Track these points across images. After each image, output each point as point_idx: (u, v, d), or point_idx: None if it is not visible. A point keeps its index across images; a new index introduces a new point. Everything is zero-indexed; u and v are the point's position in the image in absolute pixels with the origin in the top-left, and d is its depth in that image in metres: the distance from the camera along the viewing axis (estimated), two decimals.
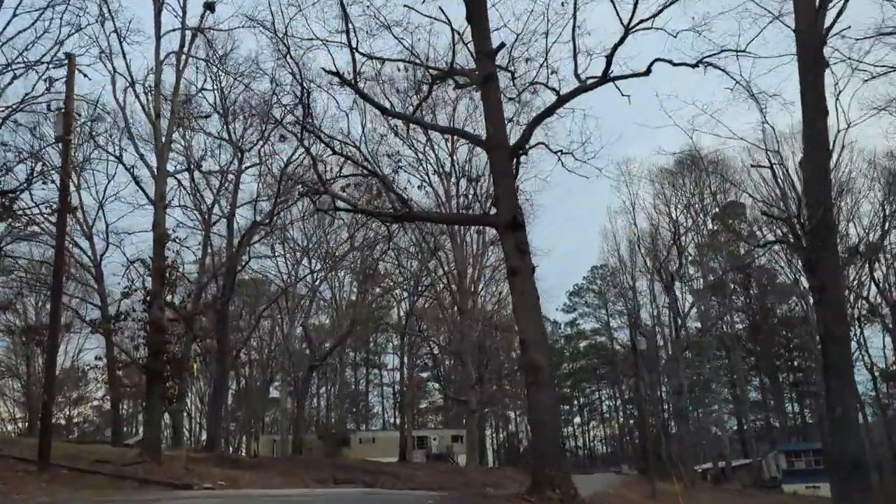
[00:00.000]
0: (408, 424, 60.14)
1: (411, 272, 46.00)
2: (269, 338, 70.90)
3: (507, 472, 46.35)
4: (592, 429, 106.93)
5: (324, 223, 53.75)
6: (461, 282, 39.38)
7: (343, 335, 53.39)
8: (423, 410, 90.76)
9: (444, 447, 64.72)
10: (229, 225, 35.96)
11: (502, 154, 14.26)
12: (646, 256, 51.10)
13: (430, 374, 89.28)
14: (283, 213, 45.14)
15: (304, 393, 51.91)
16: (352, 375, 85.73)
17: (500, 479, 39.68)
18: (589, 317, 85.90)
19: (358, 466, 37.18)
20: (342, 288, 64.39)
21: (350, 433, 65.54)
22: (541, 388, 13.08)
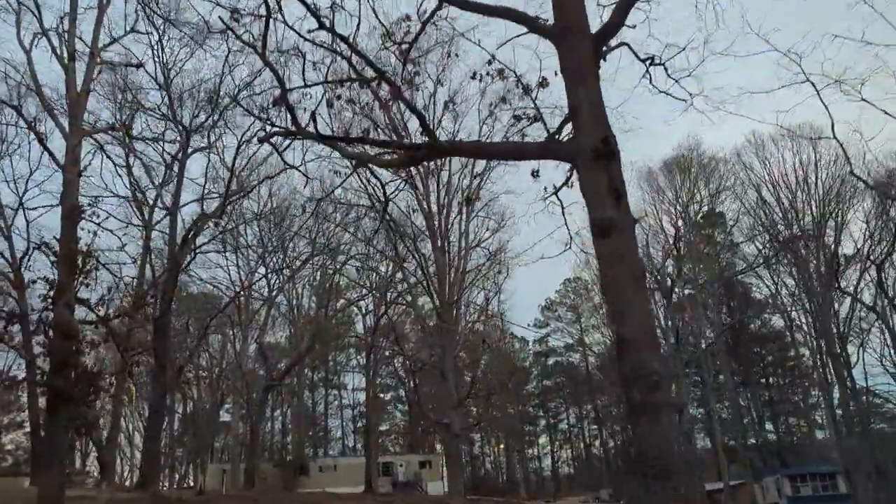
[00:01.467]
0: (373, 450, 54.02)
1: (381, 277, 40.53)
2: (219, 356, 64.21)
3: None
4: (557, 450, 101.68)
5: (282, 226, 48.17)
6: (441, 289, 33.99)
7: (302, 352, 47.40)
8: (384, 433, 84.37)
9: (411, 474, 58.83)
10: (172, 219, 29.99)
11: (582, 44, 9.08)
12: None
13: (393, 395, 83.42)
14: (236, 208, 39.57)
15: (258, 416, 45.57)
16: (309, 397, 79.06)
17: None
18: (561, 332, 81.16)
19: (324, 500, 31.31)
20: (300, 299, 58.39)
21: (309, 460, 59.05)
22: (660, 413, 7.87)
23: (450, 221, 35.40)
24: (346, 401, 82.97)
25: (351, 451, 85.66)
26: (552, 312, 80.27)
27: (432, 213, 35.29)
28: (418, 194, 34.82)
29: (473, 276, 36.81)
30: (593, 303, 71.47)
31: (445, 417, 31.92)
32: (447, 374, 33.04)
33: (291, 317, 59.60)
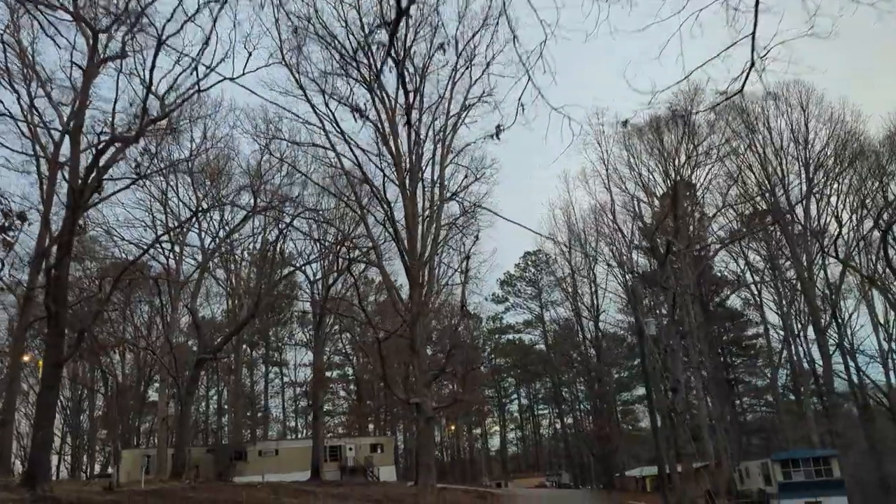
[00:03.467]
0: (320, 432, 47.95)
1: (339, 232, 34.41)
2: (147, 328, 56.84)
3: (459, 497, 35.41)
4: (510, 431, 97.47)
5: (219, 179, 41.44)
6: (412, 246, 28.15)
7: (240, 323, 40.87)
8: (328, 414, 77.88)
9: (361, 459, 53.05)
10: (74, 142, 23.15)
11: None
12: (619, 227, 42.19)
13: (339, 374, 77.21)
14: (162, 146, 32.84)
15: (188, 394, 38.93)
16: (248, 375, 72.10)
17: None
18: (520, 308, 76.10)
19: (267, 501, 25.19)
20: (239, 266, 51.59)
21: (247, 444, 52.54)
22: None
23: (422, 166, 29.53)
24: (288, 379, 76.37)
25: (292, 431, 79.26)
26: (511, 287, 75.25)
27: (401, 156, 29.34)
28: (384, 132, 28.80)
29: (448, 232, 31.03)
30: (555, 276, 66.93)
31: (417, 397, 26.25)
32: (418, 346, 27.35)
33: (229, 286, 52.85)
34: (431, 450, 26.88)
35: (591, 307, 57.54)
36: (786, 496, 37.79)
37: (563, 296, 65.11)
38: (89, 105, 25.28)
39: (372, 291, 61.53)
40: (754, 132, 44.95)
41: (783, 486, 38.29)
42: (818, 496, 37.41)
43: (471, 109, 30.75)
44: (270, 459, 50.34)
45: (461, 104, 30.83)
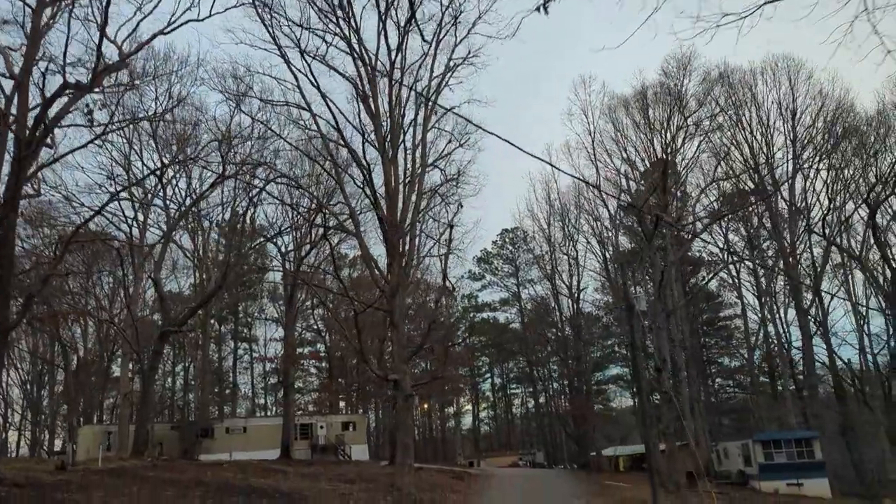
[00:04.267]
0: (290, 409, 46.23)
1: (313, 199, 32.45)
2: (109, 301, 54.35)
3: (441, 478, 34.06)
4: (482, 411, 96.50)
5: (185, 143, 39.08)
6: (391, 212, 26.37)
7: (208, 294, 38.82)
8: (299, 391, 75.86)
9: (332, 437, 51.52)
10: (21, 89, 20.89)
11: None
12: (605, 201, 40.81)
13: (311, 350, 75.27)
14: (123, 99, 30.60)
15: (151, 368, 36.89)
16: (216, 351, 69.86)
17: None
18: (497, 286, 74.70)
19: (234, 483, 23.46)
20: (206, 236, 49.27)
21: (214, 421, 50.63)
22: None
23: (403, 126, 27.69)
24: (258, 355, 74.23)
25: (263, 411, 77.31)
26: (488, 265, 73.79)
27: (380, 117, 27.47)
28: (363, 90, 26.87)
29: (429, 201, 29.24)
30: (533, 254, 65.63)
31: (395, 373, 24.65)
32: (397, 319, 25.69)
33: (197, 258, 50.54)
34: (410, 428, 25.37)
35: (570, 285, 56.39)
36: (766, 477, 37.15)
37: (540, 274, 63.94)
38: (42, 55, 22.99)
39: (345, 266, 59.66)
40: (741, 107, 43.78)
41: (764, 467, 37.63)
42: (799, 478, 36.84)
43: (455, 70, 29.01)
44: (238, 437, 48.58)
45: (445, 65, 29.08)
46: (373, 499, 23.74)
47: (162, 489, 20.55)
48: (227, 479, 24.62)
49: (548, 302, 63.89)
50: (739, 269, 58.27)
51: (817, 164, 41.08)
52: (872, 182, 39.92)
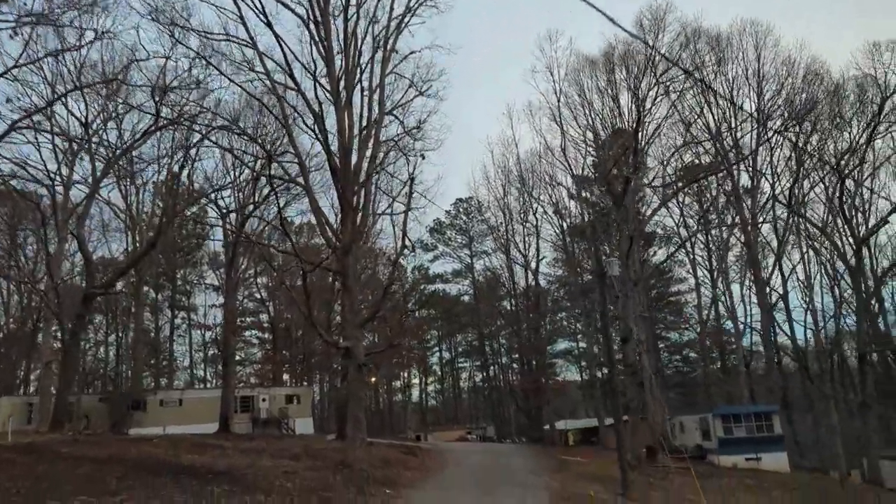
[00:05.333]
0: (230, 381, 43.17)
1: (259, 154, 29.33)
2: (33, 264, 49.94)
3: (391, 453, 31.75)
4: (430, 385, 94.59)
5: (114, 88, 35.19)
6: (345, 165, 23.66)
7: (139, 254, 35.36)
8: (240, 363, 72.30)
9: (275, 410, 48.71)
10: None
11: None
12: (569, 163, 38.63)
13: (253, 321, 71.80)
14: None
15: (75, 335, 33.37)
16: (152, 321, 65.81)
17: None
18: (449, 257, 72.23)
19: (161, 460, 20.65)
20: (141, 195, 45.46)
21: (147, 394, 47.15)
22: None
23: (360, 65, 24.88)
24: (196, 322, 70.34)
25: (202, 383, 73.59)
26: (441, 235, 71.28)
27: (334, 56, 24.58)
28: (315, 19, 23.88)
29: (385, 157, 26.54)
30: (488, 225, 63.49)
31: (347, 340, 22.14)
32: (350, 282, 23.10)
33: (129, 219, 46.60)
34: (362, 401, 22.93)
35: (527, 255, 54.51)
36: (725, 452, 36.20)
37: (495, 245, 61.91)
38: None
39: (293, 233, 56.37)
40: (706, 72, 42.17)
41: (723, 442, 36.67)
42: (758, 452, 36.03)
43: (416, 11, 26.29)
44: (173, 410, 45.32)
45: (405, 5, 26.31)
46: (321, 476, 21.27)
47: (74, 468, 17.68)
48: (154, 455, 21.80)
49: (501, 274, 61.99)
50: (694, 243, 57.54)
51: (783, 133, 39.86)
52: (842, 149, 38.98)
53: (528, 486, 24.10)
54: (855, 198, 40.49)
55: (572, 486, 24.72)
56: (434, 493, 21.80)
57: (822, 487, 31.92)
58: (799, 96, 39.23)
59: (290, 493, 18.50)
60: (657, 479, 29.00)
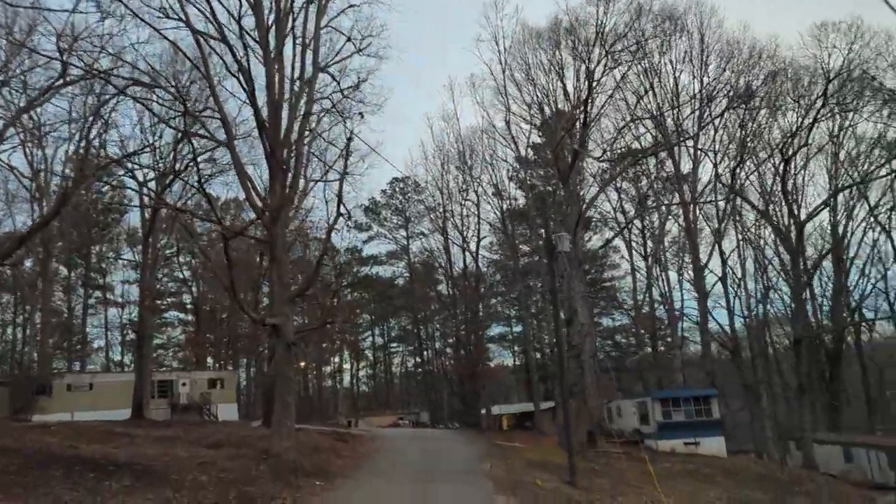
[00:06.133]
0: (147, 363, 39.92)
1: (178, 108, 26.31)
2: None
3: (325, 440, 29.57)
4: (361, 370, 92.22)
5: None
6: (274, 123, 21.23)
7: (40, 222, 31.69)
8: (161, 348, 68.16)
9: (197, 396, 45.67)
10: None
11: None
12: (514, 138, 36.87)
13: (174, 301, 67.79)
14: None
15: None
16: (65, 301, 61.12)
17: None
18: (385, 238, 69.71)
19: (54, 451, 17.90)
20: (50, 163, 41.41)
21: (53, 378, 43.28)
22: None
23: (293, 10, 22.38)
24: (114, 312, 65.81)
25: (119, 367, 69.08)
26: (376, 215, 68.75)
27: (261, 2, 21.99)
28: None
29: (321, 117, 24.15)
30: (425, 205, 61.49)
31: (275, 317, 19.84)
32: (279, 251, 20.74)
33: (35, 188, 42.46)
34: (291, 383, 20.64)
35: (465, 237, 52.86)
36: (664, 436, 35.55)
37: (432, 226, 59.98)
38: None
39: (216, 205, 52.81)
40: (650, 51, 41.23)
41: (662, 426, 36.01)
42: (696, 436, 35.55)
43: None
44: (83, 395, 41.76)
45: None
46: (243, 467, 18.98)
47: None
48: (49, 445, 19.03)
49: (439, 256, 60.18)
50: (631, 229, 57.16)
51: (726, 114, 39.37)
52: (788, 130, 38.74)
53: (468, 474, 22.43)
54: (794, 181, 40.59)
55: (515, 473, 23.17)
56: (368, 483, 19.84)
57: (762, 472, 31.50)
58: (744, 77, 38.85)
59: (205, 487, 16.21)
60: (600, 464, 27.86)
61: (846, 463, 37.78)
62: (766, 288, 50.08)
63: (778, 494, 27.68)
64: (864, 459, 36.87)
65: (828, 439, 40.12)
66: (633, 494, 22.59)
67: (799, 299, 40.61)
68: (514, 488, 19.71)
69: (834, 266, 49.24)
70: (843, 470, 36.90)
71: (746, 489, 27.94)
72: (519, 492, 19.32)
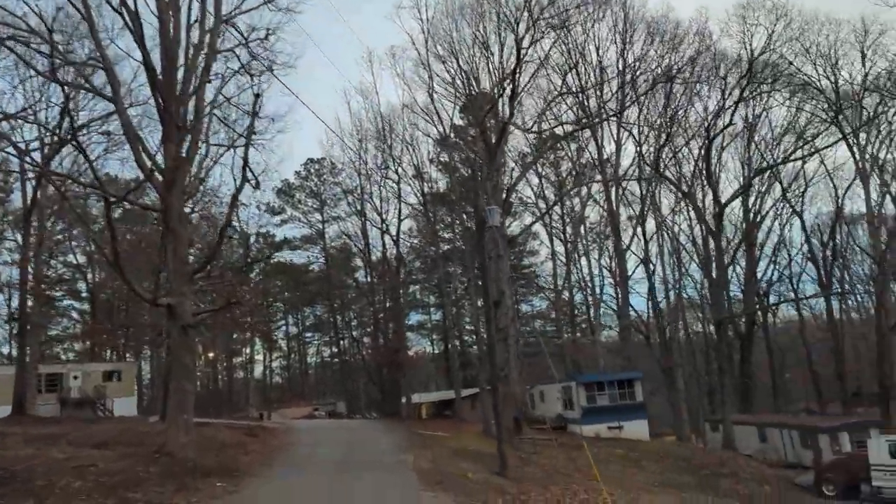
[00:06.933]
0: (32, 354, 35.75)
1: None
2: None
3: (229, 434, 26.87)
4: (274, 360, 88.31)
5: None
6: (169, 79, 18.44)
7: None
8: (55, 340, 62.52)
9: (90, 389, 41.55)
10: None
11: None
12: (437, 111, 34.72)
13: (69, 289, 62.20)
14: None
15: None
16: None
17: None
18: (299, 222, 66.12)
19: None
20: None
21: None
22: None
23: None
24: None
25: (6, 360, 62.85)
26: (290, 197, 65.20)
27: None
28: None
29: (225, 81, 21.39)
30: (342, 188, 58.69)
31: (171, 296, 17.18)
32: (175, 222, 18.00)
33: None
34: (189, 372, 17.94)
35: (386, 221, 50.51)
36: (589, 421, 34.62)
37: (350, 209, 57.23)
38: None
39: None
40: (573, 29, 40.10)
41: (587, 411, 35.08)
42: (621, 420, 34.82)
43: None
44: None
45: None
46: (130, 468, 16.30)
47: None
48: None
49: (357, 241, 57.52)
50: (551, 213, 56.40)
51: (650, 94, 38.73)
52: (712, 111, 38.50)
53: (391, 467, 20.44)
54: (717, 164, 40.64)
55: (440, 464, 21.32)
56: (279, 482, 17.53)
57: (687, 454, 31.01)
58: (669, 56, 38.29)
59: (80, 495, 13.53)
60: (528, 452, 26.48)
61: (761, 443, 38.09)
62: (681, 274, 50.46)
63: (705, 477, 27.16)
64: (778, 440, 37.22)
65: (743, 420, 40.42)
66: (565, 483, 21.27)
67: (720, 281, 40.66)
68: (441, 482, 17.88)
69: (746, 251, 50.04)
70: (757, 450, 37.13)
71: (674, 473, 27.27)
72: (447, 485, 17.50)
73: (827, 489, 28.11)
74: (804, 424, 36.75)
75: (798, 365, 63.47)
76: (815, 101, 42.28)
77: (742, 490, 25.49)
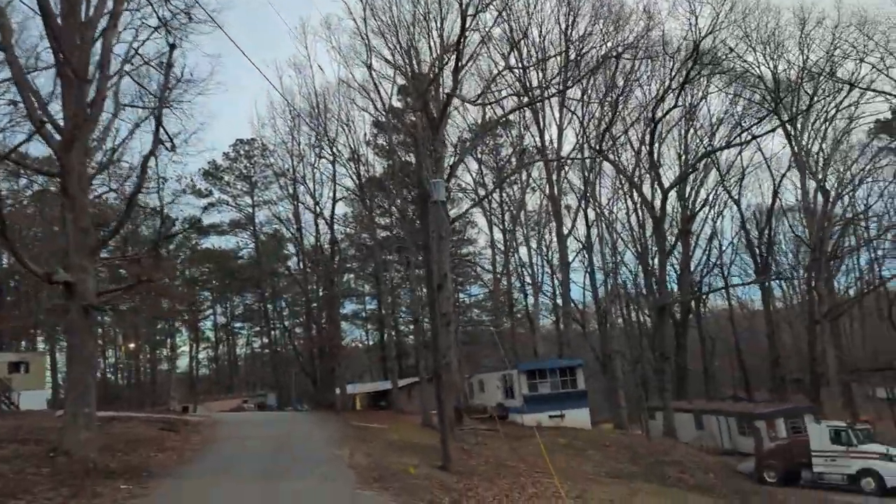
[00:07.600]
0: None
1: None
2: None
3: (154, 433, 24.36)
4: (201, 351, 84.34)
5: None
6: (69, 23, 15.96)
7: None
8: None
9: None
10: None
11: None
12: (377, 85, 32.41)
13: None
14: None
15: None
16: None
17: None
18: (227, 206, 62.66)
19: None
20: None
21: None
22: None
23: None
24: None
25: None
26: (217, 180, 61.68)
27: None
28: None
29: (139, 30, 18.93)
30: (274, 169, 55.75)
31: (66, 272, 14.79)
32: (74, 189, 15.56)
33: None
34: (89, 357, 15.54)
35: (318, 204, 48.04)
36: (531, 410, 33.47)
37: (281, 193, 54.43)
38: None
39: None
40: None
41: (529, 399, 33.93)
42: (562, 409, 33.84)
43: None
44: None
45: None
46: (18, 470, 13.95)
47: None
48: None
49: (288, 226, 54.75)
50: (491, 199, 55.21)
51: (592, 78, 37.78)
52: (655, 94, 37.79)
53: (326, 463, 18.52)
54: (659, 149, 40.13)
55: (378, 459, 19.55)
56: (196, 482, 15.41)
57: (629, 443, 30.21)
58: (612, 38, 37.35)
59: None
60: (471, 444, 25.00)
61: (697, 430, 37.91)
62: (616, 263, 50.26)
63: (650, 465, 26.34)
64: (714, 427, 37.09)
65: (681, 407, 40.22)
66: (513, 476, 19.86)
67: (662, 267, 40.22)
68: (379, 478, 16.14)
69: (681, 239, 50.11)
70: (695, 437, 36.92)
71: (619, 462, 26.36)
72: (386, 482, 15.77)
73: (768, 475, 27.83)
74: (741, 411, 36.71)
75: (726, 353, 64.73)
76: (754, 89, 42.35)
77: (689, 479, 24.72)
